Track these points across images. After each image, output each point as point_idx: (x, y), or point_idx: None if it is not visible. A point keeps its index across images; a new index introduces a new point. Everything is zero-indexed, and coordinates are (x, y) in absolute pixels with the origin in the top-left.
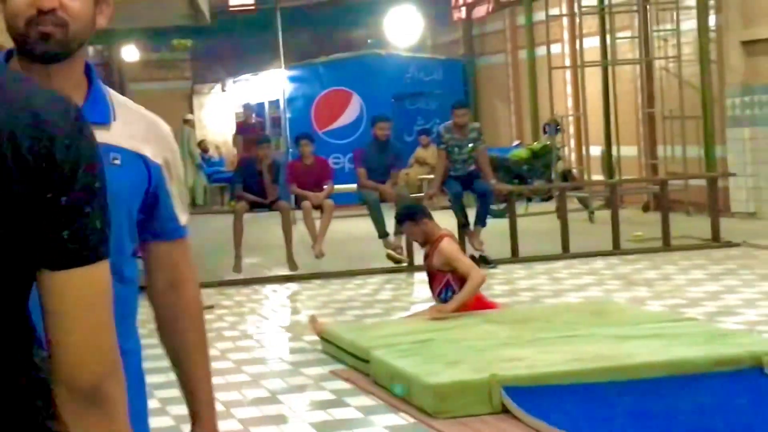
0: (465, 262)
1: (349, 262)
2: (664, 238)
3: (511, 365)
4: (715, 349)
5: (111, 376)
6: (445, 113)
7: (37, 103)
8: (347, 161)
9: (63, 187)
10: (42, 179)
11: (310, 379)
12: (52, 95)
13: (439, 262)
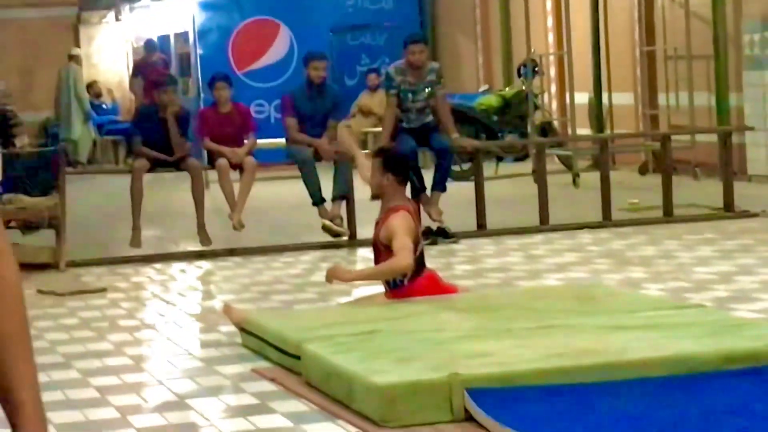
0: (401, 241)
1: (276, 235)
2: (666, 207)
3: (476, 362)
4: (726, 343)
5: None
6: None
7: None
8: (273, 109)
9: None
10: None
11: (227, 380)
12: None
13: (385, 236)
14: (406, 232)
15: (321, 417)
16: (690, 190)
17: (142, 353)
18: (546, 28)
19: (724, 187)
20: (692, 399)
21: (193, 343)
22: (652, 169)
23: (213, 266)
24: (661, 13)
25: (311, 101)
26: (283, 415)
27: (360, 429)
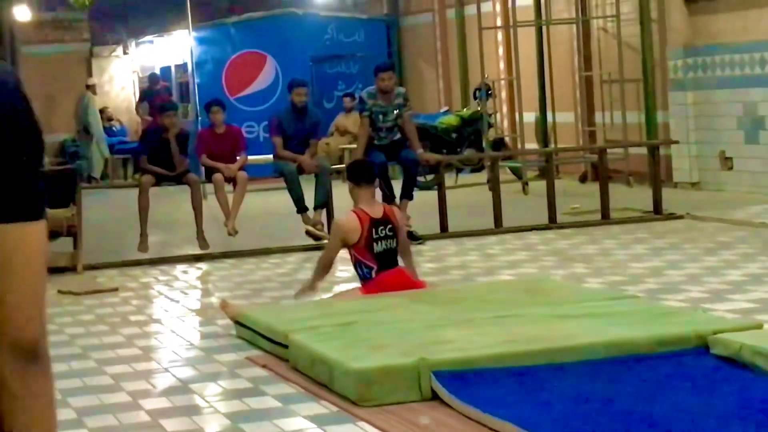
0: (330, 242)
1: (265, 240)
2: (603, 211)
3: (441, 348)
4: (657, 329)
5: (46, 332)
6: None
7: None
8: (262, 130)
9: (25, 148)
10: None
11: (223, 366)
12: None
13: None
14: (338, 233)
15: (306, 398)
16: (624, 196)
17: (150, 344)
18: (498, 57)
19: (653, 193)
20: (628, 378)
21: (194, 335)
22: (591, 178)
23: (210, 267)
24: (596, 43)
25: (295, 122)
26: (273, 397)
27: (340, 408)
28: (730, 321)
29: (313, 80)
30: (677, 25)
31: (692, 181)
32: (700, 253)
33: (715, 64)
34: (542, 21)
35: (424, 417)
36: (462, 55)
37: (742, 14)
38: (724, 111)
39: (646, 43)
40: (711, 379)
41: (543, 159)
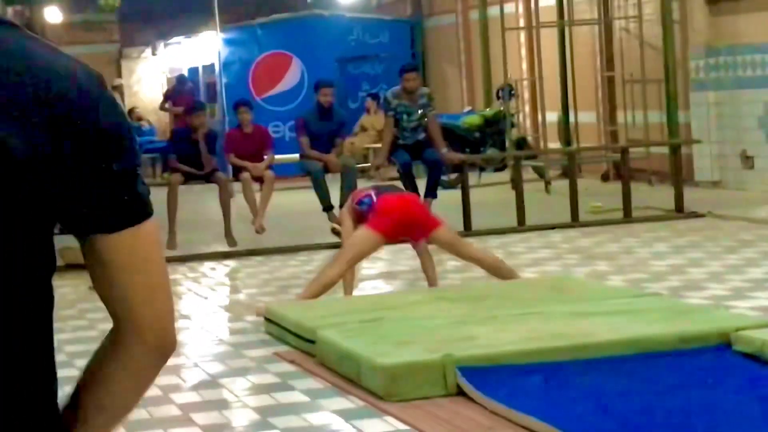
0: None
1: (292, 238)
2: (625, 209)
3: (466, 344)
4: (679, 326)
5: None
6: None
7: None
8: (288, 129)
9: (115, 153)
10: (95, 149)
11: (252, 362)
12: (80, 63)
13: None
14: None
15: (334, 393)
16: (646, 195)
17: (180, 339)
18: (520, 57)
19: (675, 192)
20: (650, 375)
21: (223, 331)
22: (613, 177)
23: (238, 264)
24: (618, 43)
25: (321, 122)
26: (301, 392)
27: (367, 403)
28: (752, 318)
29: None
30: (699, 25)
31: (713, 180)
32: (721, 251)
33: (737, 65)
34: (565, 22)
35: None
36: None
37: (764, 15)
38: (746, 111)
39: (668, 44)
40: (733, 376)
41: (565, 158)
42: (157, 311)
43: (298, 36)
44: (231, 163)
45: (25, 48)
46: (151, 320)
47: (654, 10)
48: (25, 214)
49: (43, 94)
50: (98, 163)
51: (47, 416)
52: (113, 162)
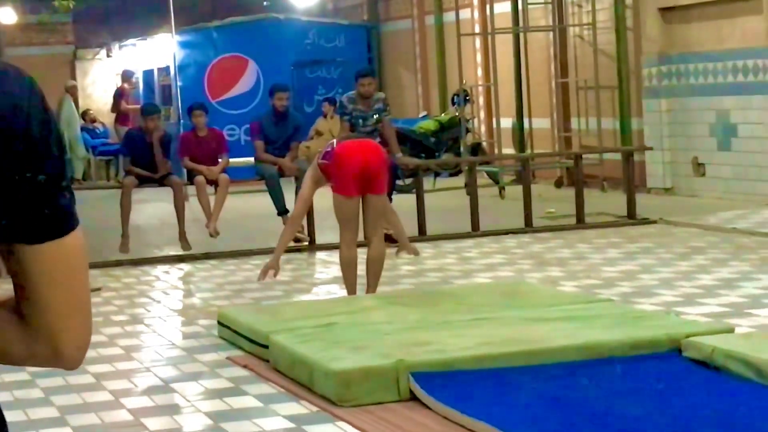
0: None
1: (246, 241)
2: (578, 215)
3: (419, 350)
4: (631, 332)
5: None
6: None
7: (7, 78)
8: (243, 133)
9: (40, 164)
10: (21, 158)
11: (205, 366)
12: (12, 67)
13: None
14: None
15: (287, 398)
16: (598, 201)
17: (132, 344)
18: (475, 63)
19: (627, 198)
20: (602, 380)
21: (176, 335)
22: (567, 183)
23: (192, 268)
24: (573, 50)
25: (276, 126)
26: (254, 397)
27: (320, 408)
28: (702, 325)
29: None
30: (652, 33)
31: (665, 186)
32: (673, 257)
33: (689, 73)
34: (519, 28)
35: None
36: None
37: (716, 23)
38: (698, 118)
39: (621, 51)
40: (683, 383)
41: (519, 164)
42: (74, 333)
43: (254, 39)
44: (185, 167)
45: None
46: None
47: (608, 17)
48: None
49: None
50: (22, 172)
51: None
52: (37, 172)
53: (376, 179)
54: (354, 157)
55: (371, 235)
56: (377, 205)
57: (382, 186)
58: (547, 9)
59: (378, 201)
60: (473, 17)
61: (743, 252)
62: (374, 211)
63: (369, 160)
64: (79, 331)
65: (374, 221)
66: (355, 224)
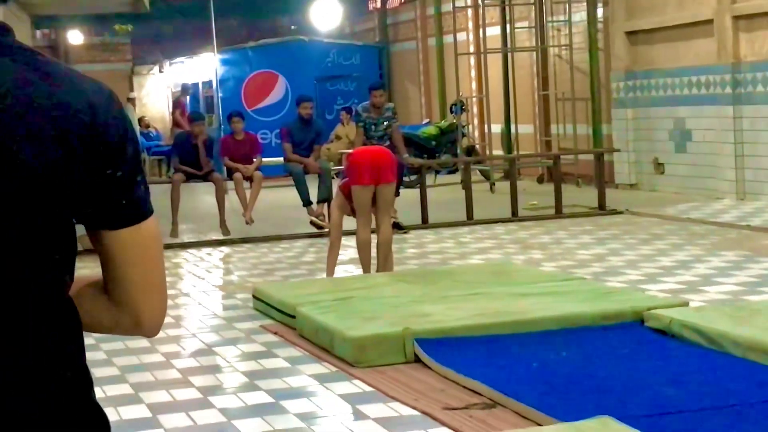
0: None
1: (277, 228)
2: (557, 207)
3: (422, 320)
4: (601, 305)
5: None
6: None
7: (89, 91)
8: (274, 137)
9: (118, 162)
10: (102, 160)
11: (242, 333)
12: (95, 83)
13: None
14: None
15: (311, 360)
16: (574, 195)
17: (180, 314)
18: (470, 78)
19: (599, 193)
20: (577, 346)
21: (217, 306)
22: (547, 179)
23: (231, 251)
24: (553, 67)
25: (302, 131)
26: (283, 359)
27: (339, 369)
28: (661, 299)
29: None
30: (620, 53)
31: (631, 182)
32: (636, 242)
33: (651, 86)
34: (508, 49)
35: None
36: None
37: (674, 45)
38: (658, 125)
39: (593, 68)
40: (645, 349)
41: (507, 163)
42: (151, 306)
43: (283, 58)
44: (225, 165)
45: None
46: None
47: (582, 39)
48: (44, 210)
49: (60, 117)
50: (104, 169)
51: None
52: (116, 169)
53: (386, 171)
54: (366, 154)
55: (380, 222)
56: (387, 194)
57: (390, 176)
58: (531, 32)
59: (388, 190)
60: (468, 39)
61: (696, 238)
62: (384, 201)
63: (378, 155)
64: (155, 305)
65: (384, 209)
66: (368, 210)
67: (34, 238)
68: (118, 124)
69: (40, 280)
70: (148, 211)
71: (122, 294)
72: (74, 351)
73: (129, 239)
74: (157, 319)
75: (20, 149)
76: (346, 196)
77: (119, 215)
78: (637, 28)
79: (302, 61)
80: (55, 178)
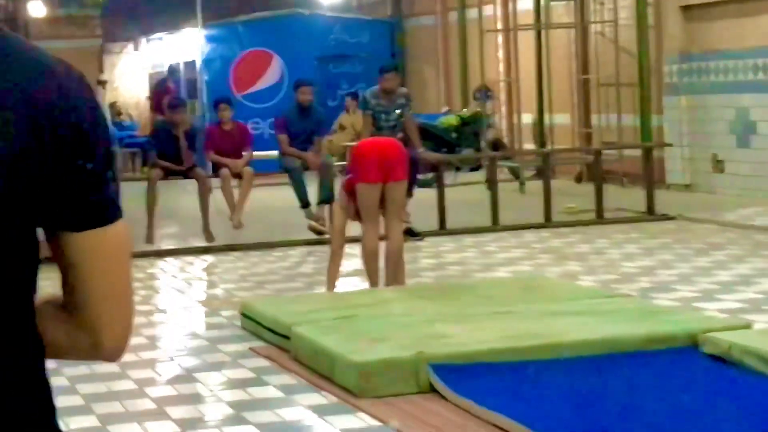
0: None
1: (269, 234)
2: (598, 211)
3: (438, 342)
4: (649, 327)
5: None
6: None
7: (59, 72)
8: (267, 127)
9: (89, 153)
10: (72, 148)
11: (227, 357)
12: (63, 63)
13: None
14: None
15: (308, 389)
16: (618, 196)
17: (156, 334)
18: (497, 59)
19: (647, 194)
20: (619, 375)
21: (199, 325)
22: (586, 179)
23: (216, 260)
24: (594, 47)
25: (300, 121)
26: (275, 387)
27: (341, 399)
28: (720, 320)
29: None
30: (673, 31)
31: (685, 183)
32: (691, 253)
33: (710, 70)
34: (542, 25)
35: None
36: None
37: (737, 22)
38: (717, 115)
39: (642, 49)
40: (701, 378)
41: (540, 159)
42: (114, 326)
43: (279, 34)
44: (210, 160)
45: (7, 49)
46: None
47: (629, 15)
48: (8, 208)
49: (25, 96)
50: (73, 161)
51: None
52: (87, 160)
53: (396, 166)
54: (373, 146)
55: (390, 227)
56: (397, 194)
57: (401, 173)
58: (569, 6)
59: (398, 189)
60: (496, 14)
61: (761, 249)
62: (393, 201)
63: (387, 148)
64: (119, 322)
65: (394, 212)
66: (376, 213)
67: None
68: (91, 111)
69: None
70: (118, 214)
71: (80, 308)
72: None
73: (93, 244)
74: (120, 341)
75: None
76: (350, 195)
77: (86, 215)
78: (693, 1)
79: (301, 39)
80: (22, 165)
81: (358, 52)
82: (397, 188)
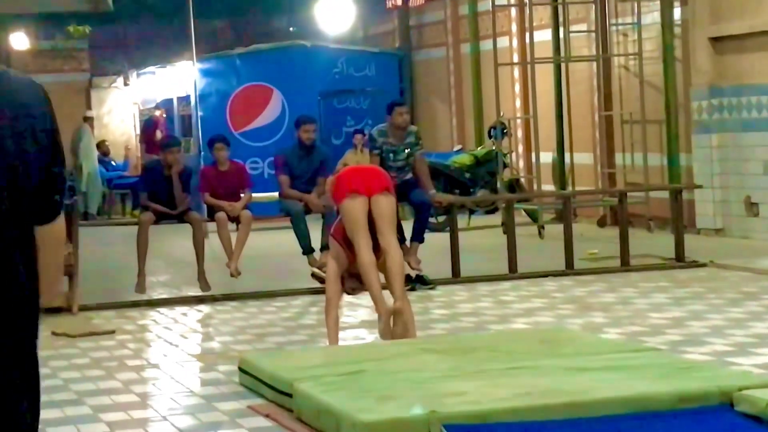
0: None
1: (269, 282)
2: (623, 257)
3: (452, 400)
4: (679, 384)
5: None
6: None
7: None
8: (267, 166)
9: (57, 157)
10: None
11: (225, 416)
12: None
13: None
14: None
15: None
16: (644, 242)
17: (148, 391)
18: (514, 94)
19: (676, 239)
20: None
21: (194, 382)
22: (610, 222)
23: (212, 310)
24: (617, 81)
25: (302, 160)
26: None
27: None
28: (756, 377)
29: (321, 115)
30: (702, 64)
31: (716, 227)
32: (724, 303)
33: (742, 106)
34: (561, 58)
35: None
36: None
37: None
38: (751, 155)
39: (669, 83)
40: None
41: (560, 202)
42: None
43: (279, 67)
44: (206, 203)
45: None
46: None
47: (655, 47)
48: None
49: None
50: (50, 164)
51: None
52: (56, 164)
53: (380, 180)
54: (352, 169)
55: (386, 244)
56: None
57: (386, 185)
58: (591, 38)
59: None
60: (512, 46)
61: None
62: (382, 216)
63: (367, 168)
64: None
65: (385, 228)
66: (365, 227)
67: None
68: (53, 119)
69: None
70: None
71: None
72: None
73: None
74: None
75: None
76: (341, 242)
77: (50, 211)
78: (724, 33)
79: (303, 72)
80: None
81: (364, 87)
82: (382, 200)
